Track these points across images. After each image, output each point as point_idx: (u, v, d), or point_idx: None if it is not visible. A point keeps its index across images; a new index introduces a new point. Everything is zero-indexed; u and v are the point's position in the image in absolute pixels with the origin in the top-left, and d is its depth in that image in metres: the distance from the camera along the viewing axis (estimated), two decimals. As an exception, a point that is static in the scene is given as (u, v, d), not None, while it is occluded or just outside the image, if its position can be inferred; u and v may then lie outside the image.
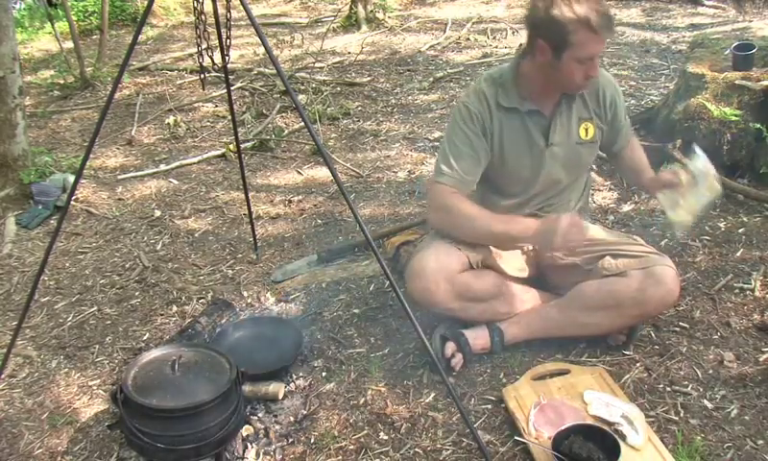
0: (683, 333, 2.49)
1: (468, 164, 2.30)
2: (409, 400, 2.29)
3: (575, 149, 2.39)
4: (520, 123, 2.33)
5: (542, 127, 2.34)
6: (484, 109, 2.31)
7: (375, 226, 3.41)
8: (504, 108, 2.31)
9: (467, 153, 2.30)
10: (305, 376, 2.45)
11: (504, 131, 2.33)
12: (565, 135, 2.36)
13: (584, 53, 2.13)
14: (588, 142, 2.41)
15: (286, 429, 2.21)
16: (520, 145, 2.35)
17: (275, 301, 2.92)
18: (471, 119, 2.30)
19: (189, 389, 2.03)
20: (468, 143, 2.30)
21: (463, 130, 2.31)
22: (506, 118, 2.32)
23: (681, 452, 1.98)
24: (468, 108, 2.32)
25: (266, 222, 3.62)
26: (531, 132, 2.33)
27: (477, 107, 2.31)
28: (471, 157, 2.31)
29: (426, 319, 2.51)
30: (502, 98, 2.30)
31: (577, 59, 2.14)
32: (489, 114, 2.31)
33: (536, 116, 2.33)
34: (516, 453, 2.04)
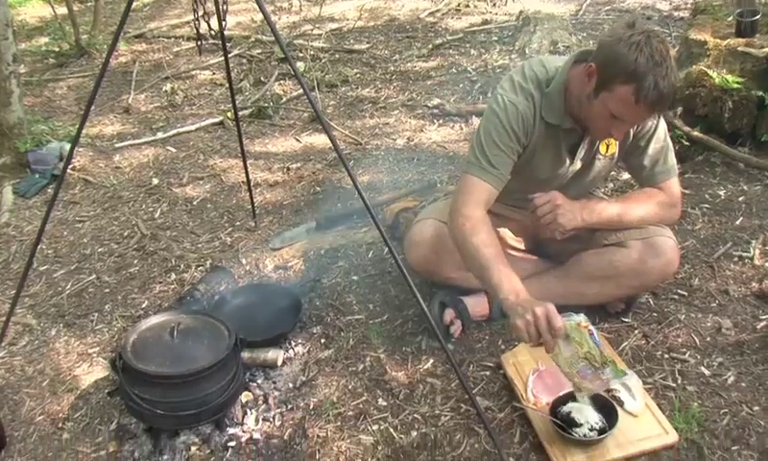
0: (681, 301, 2.49)
1: (505, 162, 2.12)
2: (408, 367, 2.30)
3: (591, 162, 2.27)
4: (555, 139, 2.17)
5: (572, 145, 2.20)
6: (530, 112, 2.11)
7: (374, 193, 3.40)
8: (547, 122, 2.12)
9: (504, 152, 2.11)
10: (304, 342, 2.46)
11: (540, 142, 2.16)
12: (588, 151, 2.24)
13: (617, 109, 1.93)
14: (607, 157, 2.27)
15: (285, 396, 2.22)
16: (548, 159, 2.20)
17: (273, 268, 2.92)
18: (516, 119, 2.10)
19: (188, 356, 2.04)
20: (507, 144, 2.11)
21: (505, 127, 2.10)
22: (545, 131, 2.14)
23: (677, 418, 1.99)
24: (516, 106, 2.10)
25: (264, 189, 3.61)
26: (561, 148, 2.20)
27: (525, 108, 2.10)
28: (507, 158, 2.12)
29: (426, 286, 2.52)
30: (546, 111, 2.11)
31: (609, 108, 1.94)
32: (533, 120, 2.12)
33: (571, 134, 2.17)
34: (515, 419, 2.05)
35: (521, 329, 1.83)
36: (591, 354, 1.86)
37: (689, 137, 3.36)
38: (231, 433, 2.08)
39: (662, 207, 2.24)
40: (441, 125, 4.23)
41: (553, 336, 1.80)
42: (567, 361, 1.85)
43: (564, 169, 2.24)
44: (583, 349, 1.86)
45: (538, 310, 1.80)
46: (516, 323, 1.84)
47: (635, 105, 1.89)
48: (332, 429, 2.08)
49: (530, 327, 1.81)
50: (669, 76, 1.86)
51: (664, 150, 2.23)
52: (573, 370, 1.85)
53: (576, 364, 1.85)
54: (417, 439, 2.02)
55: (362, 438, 2.04)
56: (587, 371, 1.86)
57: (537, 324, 1.80)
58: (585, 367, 1.86)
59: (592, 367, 1.86)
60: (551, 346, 1.82)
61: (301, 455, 2.00)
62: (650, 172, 2.25)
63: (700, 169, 3.32)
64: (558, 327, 1.79)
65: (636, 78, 1.86)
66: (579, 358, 1.86)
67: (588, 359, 1.86)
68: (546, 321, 1.79)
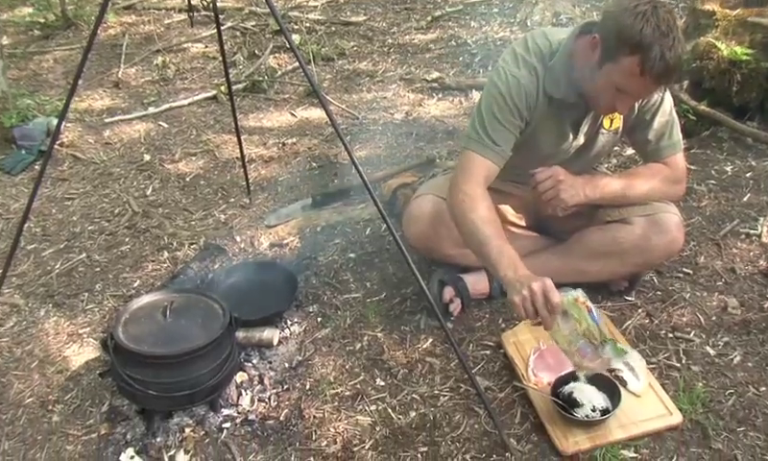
0: (686, 279, 2.49)
1: (506, 139, 2.10)
2: (406, 346, 2.30)
3: (594, 137, 2.25)
4: (559, 114, 2.14)
5: (576, 119, 2.18)
6: (533, 86, 2.08)
7: (372, 168, 3.38)
8: (550, 96, 2.10)
9: (505, 128, 2.09)
10: (300, 321, 2.45)
11: (542, 117, 2.13)
12: (591, 126, 2.22)
13: (622, 81, 1.90)
14: (611, 132, 2.25)
15: (281, 376, 2.22)
16: (551, 134, 2.19)
17: (268, 245, 2.91)
18: (519, 94, 2.07)
19: (181, 335, 2.04)
20: (509, 119, 2.09)
21: (507, 103, 2.07)
22: (548, 105, 2.11)
23: (682, 399, 1.99)
24: (518, 80, 2.07)
25: (259, 165, 3.59)
26: (565, 123, 2.18)
27: (527, 82, 2.07)
28: (509, 134, 2.10)
29: (424, 263, 2.51)
30: (549, 85, 2.08)
31: (613, 80, 1.92)
32: (536, 95, 2.09)
33: (574, 109, 2.14)
34: (515, 399, 2.06)
35: (518, 306, 1.82)
36: (590, 332, 1.85)
37: (696, 112, 3.34)
38: (226, 414, 2.08)
39: (667, 183, 2.23)
40: (440, 99, 4.21)
41: (550, 312, 1.79)
42: (566, 339, 1.84)
43: (567, 144, 2.22)
44: (581, 326, 1.85)
45: (534, 286, 1.79)
46: (513, 299, 1.84)
47: (640, 77, 1.87)
48: (329, 410, 2.08)
49: (527, 304, 1.80)
50: (676, 47, 1.83)
51: (670, 124, 2.21)
52: (573, 348, 1.85)
53: (575, 341, 1.84)
54: (415, 419, 2.02)
55: (359, 419, 2.04)
56: (586, 349, 1.85)
57: (533, 300, 1.79)
58: (584, 345, 1.85)
59: (592, 345, 1.85)
60: (549, 323, 1.81)
61: (298, 436, 2.00)
62: (655, 147, 2.23)
63: (706, 144, 3.31)
64: (555, 302, 1.78)
65: (641, 49, 1.83)
66: (578, 336, 1.85)
67: (588, 336, 1.85)
68: (543, 296, 1.78)
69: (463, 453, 1.90)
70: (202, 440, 2.01)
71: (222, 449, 1.98)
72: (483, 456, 1.88)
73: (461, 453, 1.90)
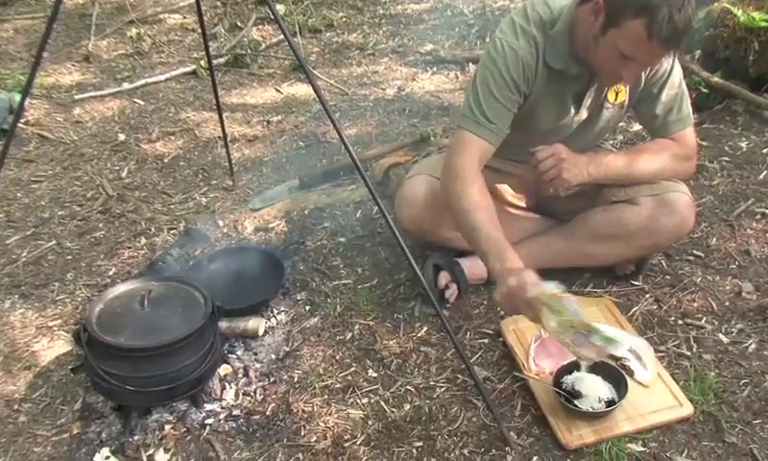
0: (697, 262, 2.50)
1: (503, 116, 2.11)
2: (400, 335, 2.31)
3: (598, 111, 2.25)
4: (560, 87, 2.14)
5: (578, 92, 2.18)
6: (532, 57, 2.07)
7: (362, 147, 3.38)
8: (550, 67, 2.09)
9: (502, 105, 2.10)
10: (287, 310, 2.46)
11: (543, 90, 2.13)
12: (595, 99, 2.21)
13: (628, 47, 1.89)
14: (616, 106, 2.25)
15: (267, 368, 2.23)
16: (551, 108, 2.19)
17: (253, 229, 2.91)
18: (516, 67, 2.07)
19: (160, 326, 2.03)
20: (506, 95, 2.09)
21: (504, 77, 2.07)
22: (549, 77, 2.11)
23: (693, 389, 2.00)
24: (515, 52, 2.06)
25: (242, 145, 3.59)
26: (566, 96, 2.18)
27: (526, 53, 2.07)
28: (506, 111, 2.11)
29: (418, 247, 2.52)
30: (550, 56, 2.07)
31: (618, 47, 1.90)
32: (535, 66, 2.08)
33: (577, 81, 2.14)
34: (516, 390, 2.07)
35: (498, 303, 1.90)
36: (573, 323, 1.85)
37: (708, 84, 3.34)
38: (209, 410, 2.08)
39: (676, 160, 2.23)
40: (434, 73, 4.20)
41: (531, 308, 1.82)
42: (557, 331, 1.84)
43: (568, 119, 2.23)
44: (564, 317, 1.86)
45: (511, 281, 1.83)
46: (494, 295, 1.90)
47: (647, 41, 1.86)
48: (318, 403, 2.09)
49: (506, 300, 1.86)
50: (686, 8, 1.83)
51: (679, 97, 2.21)
52: (567, 339, 1.85)
53: (566, 332, 1.84)
54: (410, 413, 2.03)
55: (351, 412, 2.05)
56: (579, 338, 1.86)
57: (511, 296, 1.83)
58: (575, 334, 1.85)
59: (582, 335, 1.86)
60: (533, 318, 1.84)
61: (285, 432, 2.01)
62: (663, 121, 2.23)
63: (719, 118, 3.31)
64: (530, 297, 1.80)
65: (648, 10, 1.82)
66: (567, 327, 1.85)
67: (575, 327, 1.86)
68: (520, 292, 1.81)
69: (460, 448, 1.91)
70: (183, 437, 2.01)
71: (205, 447, 1.98)
72: (481, 451, 1.90)
73: (458, 448, 1.91)
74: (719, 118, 3.31)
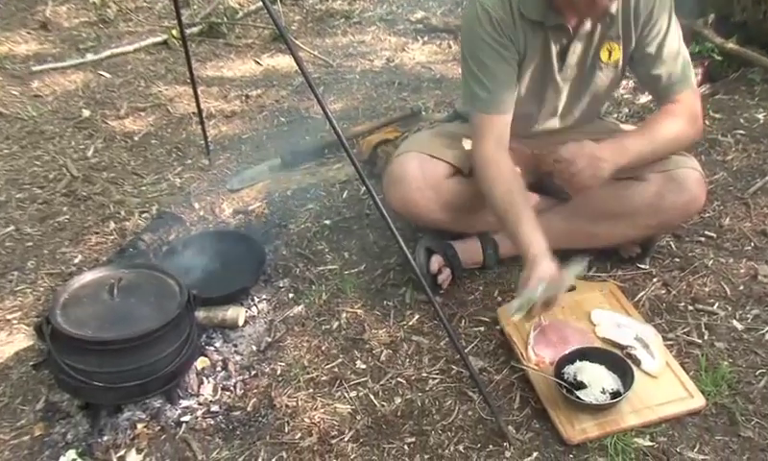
0: (709, 244, 2.52)
1: (506, 81, 2.17)
2: (390, 324, 2.32)
3: (590, 72, 2.26)
4: (543, 41, 2.17)
5: (563, 46, 2.19)
6: (505, 12, 2.12)
7: (348, 123, 3.39)
8: (527, 19, 2.13)
9: (501, 69, 2.15)
10: (269, 298, 2.47)
11: (526, 48, 2.17)
12: (583, 56, 2.22)
13: None
14: (611, 66, 2.26)
15: (248, 360, 2.24)
16: (537, 67, 2.21)
17: (231, 212, 2.92)
18: (494, 26, 2.12)
19: (132, 317, 2.03)
20: (498, 56, 2.14)
21: (487, 41, 2.13)
22: (530, 32, 2.15)
23: (704, 379, 2.01)
24: (487, 12, 2.12)
25: (219, 121, 3.58)
26: (551, 52, 2.19)
27: (498, 9, 2.12)
28: (507, 74, 2.17)
29: (409, 230, 2.53)
30: (525, 6, 2.12)
31: None
32: (511, 21, 2.13)
33: (559, 32, 2.16)
34: (514, 382, 2.08)
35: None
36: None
37: (722, 51, 3.33)
38: (185, 406, 2.09)
39: (688, 122, 2.23)
40: (425, 42, 4.20)
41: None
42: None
43: (557, 79, 2.25)
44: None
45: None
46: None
47: None
48: (303, 398, 2.10)
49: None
50: None
51: (680, 57, 2.22)
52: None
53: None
54: (401, 406, 2.04)
55: (338, 407, 2.06)
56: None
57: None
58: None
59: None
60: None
61: (267, 428, 2.01)
62: (667, 83, 2.24)
63: (734, 89, 3.32)
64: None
65: None
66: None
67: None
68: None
69: (455, 443, 1.92)
70: (157, 436, 2.01)
71: (181, 446, 1.98)
72: (478, 446, 1.90)
73: (453, 444, 1.92)
74: (734, 88, 3.32)
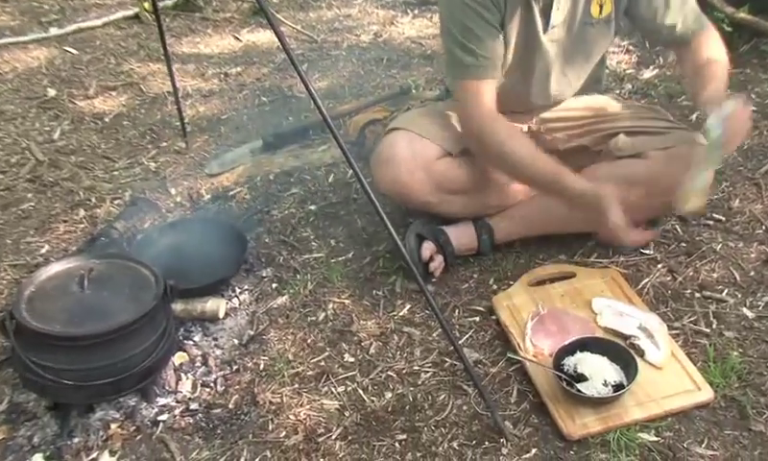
0: (717, 227, 2.53)
1: (492, 44, 2.19)
2: (379, 314, 2.33)
3: (581, 30, 2.27)
4: (526, 4, 2.20)
5: (545, 2, 2.21)
6: None
7: (334, 102, 3.39)
8: None
9: (485, 32, 2.17)
10: (251, 288, 2.47)
11: (507, 5, 2.19)
12: (570, 13, 2.24)
13: None
14: (602, 21, 2.27)
15: (229, 355, 2.24)
16: (520, 27, 2.23)
17: (210, 198, 2.92)
18: None
19: (104, 310, 2.02)
20: (481, 19, 2.16)
21: (467, 4, 2.15)
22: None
23: (713, 371, 2.02)
24: None
25: (196, 101, 3.58)
26: (533, 11, 2.20)
27: None
28: (492, 36, 2.19)
29: (399, 215, 2.54)
30: None
31: None
32: None
33: None
34: (511, 374, 2.09)
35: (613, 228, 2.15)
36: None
37: (733, 21, 3.32)
38: (162, 404, 2.09)
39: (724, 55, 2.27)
40: (416, 16, 4.20)
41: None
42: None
43: (542, 40, 2.26)
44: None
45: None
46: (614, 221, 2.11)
47: None
48: (288, 393, 2.10)
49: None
50: None
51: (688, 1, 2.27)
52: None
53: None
54: (392, 402, 2.05)
55: (325, 403, 2.07)
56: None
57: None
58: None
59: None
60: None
61: (251, 427, 2.01)
62: (684, 27, 2.27)
63: (745, 61, 3.33)
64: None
65: None
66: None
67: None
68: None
69: (449, 440, 1.93)
70: (132, 437, 2.01)
71: (157, 447, 1.98)
72: (473, 443, 1.91)
73: (447, 440, 1.93)
74: (745, 61, 3.33)
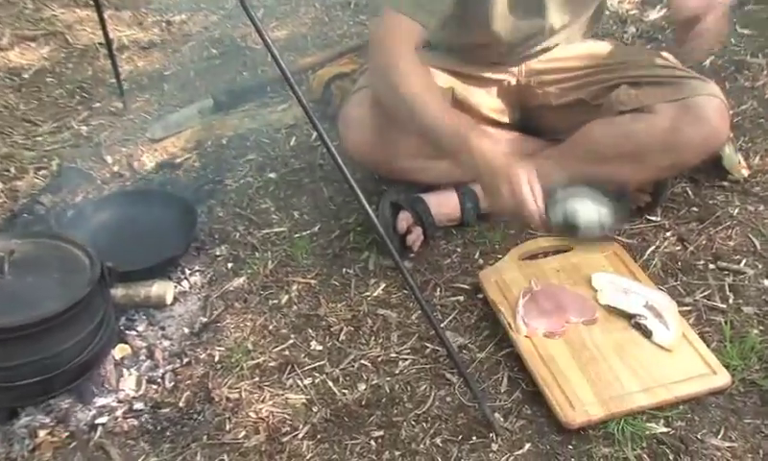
0: (733, 189, 2.55)
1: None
2: (350, 296, 2.34)
3: None
4: None
5: None
6: None
7: (295, 54, 3.38)
8: None
9: None
10: (203, 269, 2.47)
11: None
12: None
13: None
14: None
15: (179, 346, 2.24)
16: None
17: (154, 166, 2.91)
18: None
19: (29, 298, 2.01)
20: None
21: None
22: None
23: (729, 352, 2.03)
24: None
25: (134, 54, 3.57)
26: None
27: None
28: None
29: (371, 182, 2.55)
30: None
31: None
32: None
33: None
34: (500, 360, 2.09)
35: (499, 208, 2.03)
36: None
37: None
38: (101, 405, 2.07)
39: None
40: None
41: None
42: None
43: None
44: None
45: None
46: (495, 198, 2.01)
47: None
48: (247, 388, 2.10)
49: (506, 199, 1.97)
50: None
51: None
52: None
53: None
54: (366, 394, 2.05)
55: (289, 397, 2.07)
56: None
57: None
58: None
59: None
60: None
61: (205, 427, 2.01)
62: None
63: (766, -2, 3.35)
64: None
65: None
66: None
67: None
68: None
69: (431, 436, 1.93)
70: (65, 444, 1.99)
71: (96, 455, 1.97)
72: (459, 438, 1.92)
73: (429, 436, 1.93)
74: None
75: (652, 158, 2.32)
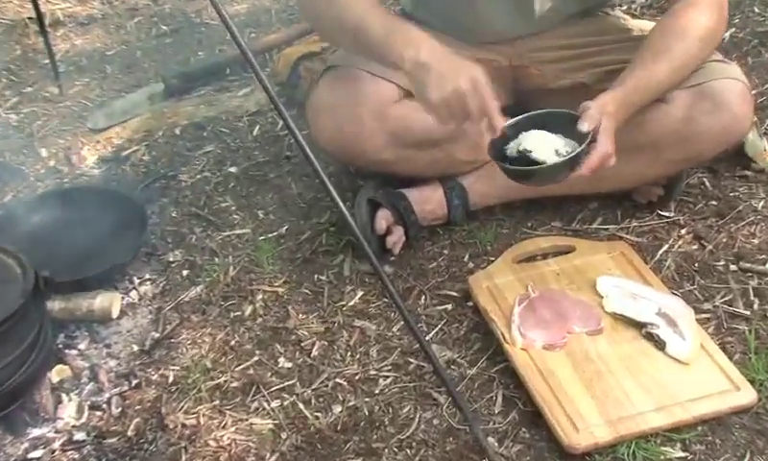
0: (757, 179, 2.57)
1: None
2: (323, 306, 2.34)
3: None
4: None
5: None
6: None
7: (258, 31, 3.39)
8: None
9: None
10: (155, 278, 2.48)
11: None
12: None
13: None
14: None
15: (127, 366, 2.24)
16: None
17: (96, 161, 2.91)
18: None
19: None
20: None
21: None
22: None
23: (754, 364, 2.03)
24: None
25: (71, 31, 3.58)
26: None
27: None
28: None
29: (346, 177, 2.56)
30: None
31: None
32: None
33: None
34: (494, 377, 2.10)
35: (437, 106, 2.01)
36: None
37: None
38: (35, 437, 2.07)
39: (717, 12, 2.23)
40: None
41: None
42: None
43: None
44: None
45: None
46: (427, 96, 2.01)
47: None
48: (206, 412, 2.10)
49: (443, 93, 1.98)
50: None
51: None
52: None
53: None
54: (342, 417, 2.05)
55: (255, 422, 2.07)
56: None
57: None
58: None
59: None
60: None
61: (158, 458, 2.01)
62: None
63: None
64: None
65: None
66: None
67: None
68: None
69: (416, 464, 1.95)
70: (-7, 483, 2.01)
71: (30, 493, 1.99)
72: (448, 467, 1.94)
73: (414, 464, 1.95)
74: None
75: (665, 152, 2.33)
